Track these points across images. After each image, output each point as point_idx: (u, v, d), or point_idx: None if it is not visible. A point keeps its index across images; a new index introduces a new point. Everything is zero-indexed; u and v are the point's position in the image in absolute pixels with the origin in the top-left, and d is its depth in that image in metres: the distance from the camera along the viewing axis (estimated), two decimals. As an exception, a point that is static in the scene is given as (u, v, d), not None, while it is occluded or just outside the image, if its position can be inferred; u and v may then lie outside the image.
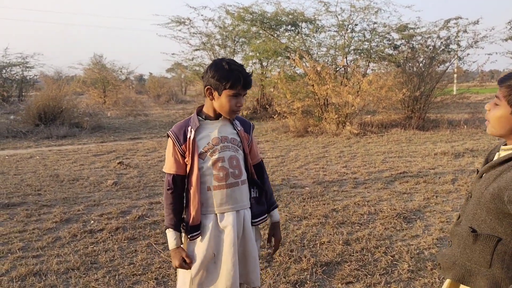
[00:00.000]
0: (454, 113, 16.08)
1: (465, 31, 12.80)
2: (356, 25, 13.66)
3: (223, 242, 2.07)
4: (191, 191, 2.04)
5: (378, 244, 3.98)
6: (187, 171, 2.08)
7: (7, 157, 8.88)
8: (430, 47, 13.18)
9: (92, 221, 4.64)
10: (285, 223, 4.58)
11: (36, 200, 5.45)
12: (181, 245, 2.10)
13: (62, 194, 5.76)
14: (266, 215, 2.29)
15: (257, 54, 14.71)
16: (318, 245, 4.00)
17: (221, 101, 2.02)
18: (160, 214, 4.85)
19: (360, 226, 4.45)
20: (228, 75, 1.96)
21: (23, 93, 24.63)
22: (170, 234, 2.08)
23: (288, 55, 13.56)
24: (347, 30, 13.55)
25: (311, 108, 12.60)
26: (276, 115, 12.93)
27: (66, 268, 3.51)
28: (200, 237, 2.07)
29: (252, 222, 2.18)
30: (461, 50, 13.22)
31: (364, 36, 13.76)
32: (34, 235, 4.24)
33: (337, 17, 13.59)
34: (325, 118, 11.75)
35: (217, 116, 2.09)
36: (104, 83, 23.24)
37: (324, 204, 5.24)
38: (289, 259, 3.70)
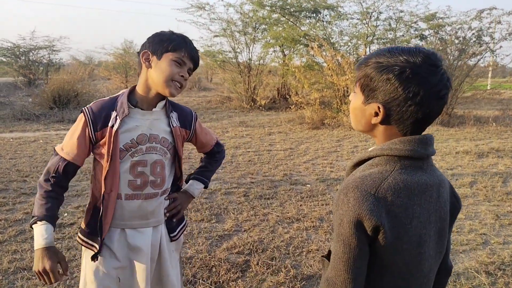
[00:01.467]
0: (484, 109, 15.15)
1: (499, 22, 11.91)
2: (380, 13, 12.92)
3: (133, 265, 1.65)
4: (105, 197, 1.62)
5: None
6: (94, 167, 1.70)
7: (11, 139, 8.73)
8: (460, 39, 12.33)
9: (66, 214, 4.32)
10: (274, 226, 4.14)
11: (19, 187, 5.18)
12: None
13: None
14: (185, 221, 1.89)
15: (278, 42, 14.17)
16: (304, 253, 3.55)
17: (160, 68, 1.61)
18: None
19: (357, 233, 3.96)
20: (170, 37, 1.64)
21: (49, 76, 24.87)
22: (43, 228, 1.54)
23: (307, 43, 12.96)
24: (370, 18, 12.83)
25: (330, 99, 12.04)
26: (293, 106, 12.43)
27: (17, 268, 3.18)
28: (100, 256, 1.65)
29: (170, 238, 1.77)
30: (493, 43, 12.33)
31: (389, 25, 13.02)
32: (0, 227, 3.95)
33: (361, 4, 12.88)
34: (343, 110, 11.17)
35: (151, 102, 1.67)
36: (126, 68, 23.14)
37: (322, 205, 4.77)
38: (267, 269, 3.27)
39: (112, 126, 1.61)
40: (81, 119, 1.63)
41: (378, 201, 1.00)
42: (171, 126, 1.72)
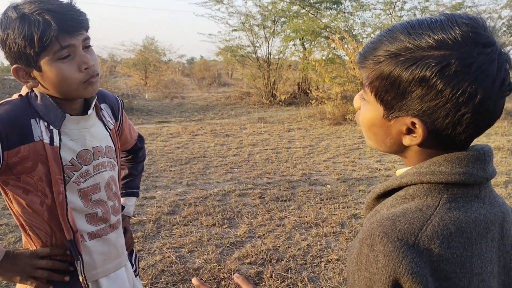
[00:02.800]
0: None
1: (532, 9, 11.27)
2: (405, 2, 12.48)
3: None
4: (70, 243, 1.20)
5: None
6: (21, 211, 1.18)
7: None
8: (489, 28, 11.74)
9: None
10: (290, 231, 3.82)
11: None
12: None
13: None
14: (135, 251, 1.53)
15: (297, 35, 13.78)
16: (323, 264, 3.23)
17: (49, 79, 1.12)
18: (150, 213, 4.23)
19: (381, 240, 3.61)
20: (23, 27, 1.05)
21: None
22: None
23: (328, 35, 12.54)
24: (394, 8, 12.33)
25: (352, 94, 11.61)
26: (314, 101, 12.05)
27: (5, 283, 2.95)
28: None
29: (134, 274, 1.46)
30: (526, 31, 11.70)
31: (414, 15, 12.48)
32: (0, 232, 3.75)
33: (384, -7, 12.40)
34: (366, 105, 10.74)
35: (76, 104, 1.22)
36: (146, 64, 23.08)
37: (344, 208, 4.42)
38: (281, 282, 2.96)
39: (51, 141, 1.14)
40: None
41: (420, 256, 0.65)
42: (108, 128, 1.32)
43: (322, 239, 3.65)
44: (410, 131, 0.73)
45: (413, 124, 0.71)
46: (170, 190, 5.06)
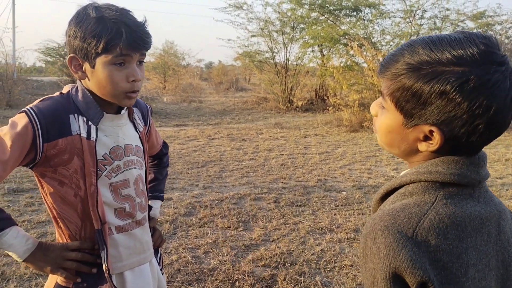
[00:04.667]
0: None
1: (555, 20, 11.12)
2: (425, 11, 12.39)
3: None
4: (97, 235, 1.25)
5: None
6: (53, 202, 1.24)
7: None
8: (511, 38, 11.62)
9: None
10: (304, 236, 3.86)
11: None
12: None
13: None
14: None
15: (316, 41, 13.82)
16: (336, 269, 3.25)
17: (97, 79, 1.21)
18: (167, 214, 4.31)
19: (395, 247, 3.62)
20: (97, 27, 1.16)
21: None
22: (15, 232, 1.19)
23: (347, 42, 12.54)
24: (414, 16, 12.28)
25: (369, 101, 11.58)
26: (331, 107, 12.06)
27: (33, 274, 3.04)
28: None
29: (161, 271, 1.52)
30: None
31: (435, 24, 12.44)
32: (22, 228, 3.86)
33: (404, 1, 12.36)
34: (384, 113, 10.70)
35: (112, 103, 1.28)
36: (165, 68, 23.34)
37: (358, 214, 4.44)
38: (295, 286, 2.99)
39: (88, 136, 1.22)
40: (22, 123, 1.17)
41: (418, 247, 0.71)
42: (138, 130, 1.39)
43: (336, 245, 3.67)
44: (426, 138, 0.79)
45: (431, 132, 0.77)
46: (187, 192, 5.14)
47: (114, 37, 1.15)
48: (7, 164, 1.15)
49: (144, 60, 1.27)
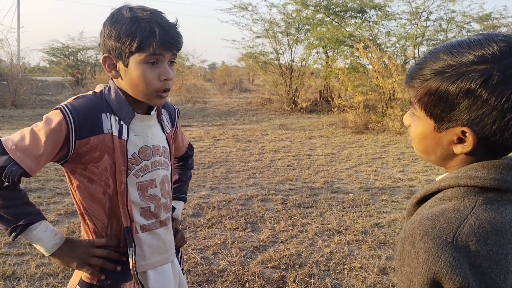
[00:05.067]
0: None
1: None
2: (431, 13, 12.33)
3: None
4: (125, 232, 1.27)
5: (423, 277, 3.14)
6: (81, 198, 1.26)
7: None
8: (517, 40, 11.59)
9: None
10: (313, 238, 3.85)
11: (55, 186, 5.14)
12: None
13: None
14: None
15: (321, 43, 13.80)
16: (346, 271, 3.25)
17: (131, 78, 1.23)
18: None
19: (404, 250, 3.61)
20: (131, 27, 1.19)
21: (95, 76, 25.53)
22: (44, 226, 1.21)
23: (352, 44, 12.53)
24: (420, 18, 12.26)
25: (374, 103, 11.56)
26: (336, 109, 12.05)
27: (44, 273, 3.05)
28: None
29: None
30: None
31: (440, 26, 12.40)
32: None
33: (410, 3, 12.34)
34: (389, 115, 10.67)
35: (142, 104, 1.30)
36: (169, 68, 23.34)
37: (366, 216, 4.43)
38: (305, 287, 2.99)
39: (119, 135, 1.24)
40: (56, 119, 1.18)
41: (458, 252, 0.71)
42: (166, 132, 1.41)
43: (345, 247, 3.67)
44: (460, 140, 0.79)
45: (463, 133, 0.77)
46: (194, 193, 5.14)
47: (148, 36, 1.18)
48: (40, 159, 1.17)
49: (175, 61, 1.28)
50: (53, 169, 5.95)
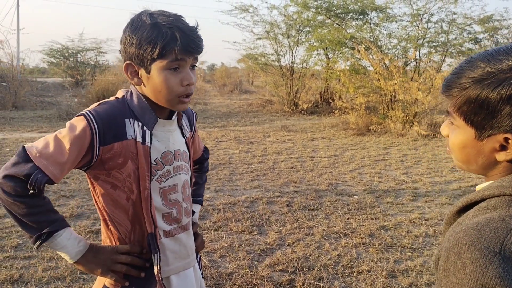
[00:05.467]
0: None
1: None
2: (432, 15, 12.33)
3: None
4: (149, 238, 1.27)
5: (433, 280, 3.14)
6: (104, 204, 1.25)
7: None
8: (518, 42, 11.61)
9: (104, 219, 4.19)
10: (319, 241, 3.84)
11: (59, 189, 5.13)
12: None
13: (86, 184, 5.40)
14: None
15: (322, 44, 13.81)
16: (354, 274, 3.24)
17: (154, 84, 1.22)
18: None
19: (412, 253, 3.61)
20: (152, 33, 1.17)
21: (95, 78, 25.51)
22: (68, 233, 1.20)
23: (353, 46, 12.53)
24: (421, 20, 12.26)
25: (376, 105, 11.56)
26: (337, 111, 12.04)
27: (51, 277, 3.04)
28: None
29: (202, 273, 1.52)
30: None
31: (441, 28, 12.39)
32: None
33: (411, 5, 12.34)
34: (390, 116, 10.67)
35: (164, 109, 1.30)
36: (169, 70, 23.35)
37: (372, 219, 4.42)
38: (314, 291, 2.98)
39: (143, 141, 1.23)
40: (81, 126, 1.17)
41: (507, 262, 0.70)
42: (185, 136, 1.40)
43: (352, 250, 3.66)
44: (503, 147, 0.78)
45: (506, 139, 0.77)
46: (198, 195, 5.12)
47: (169, 42, 1.17)
48: (64, 166, 1.16)
49: (196, 65, 1.27)
50: (56, 171, 5.92)
